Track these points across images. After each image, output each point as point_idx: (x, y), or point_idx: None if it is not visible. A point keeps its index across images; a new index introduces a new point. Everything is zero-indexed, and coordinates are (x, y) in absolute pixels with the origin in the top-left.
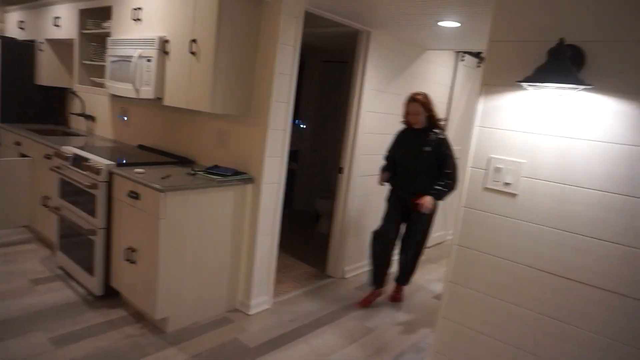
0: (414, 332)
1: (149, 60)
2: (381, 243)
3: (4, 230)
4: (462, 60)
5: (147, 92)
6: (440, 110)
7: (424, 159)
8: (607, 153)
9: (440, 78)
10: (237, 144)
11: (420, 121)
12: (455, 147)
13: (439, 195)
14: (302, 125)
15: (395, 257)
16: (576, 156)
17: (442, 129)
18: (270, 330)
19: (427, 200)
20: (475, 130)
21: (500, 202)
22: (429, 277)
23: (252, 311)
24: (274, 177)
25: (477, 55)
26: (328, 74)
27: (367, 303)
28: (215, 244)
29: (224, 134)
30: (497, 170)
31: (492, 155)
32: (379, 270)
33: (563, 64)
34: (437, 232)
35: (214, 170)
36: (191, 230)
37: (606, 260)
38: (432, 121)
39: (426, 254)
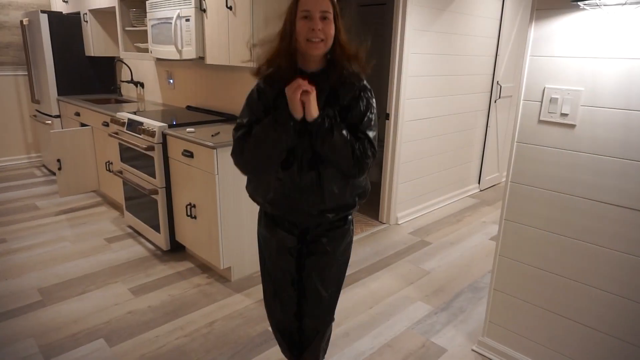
0: (471, 273)
1: (187, 20)
2: (285, 348)
3: (77, 195)
4: None
5: (189, 52)
6: (489, 47)
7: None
8: None
9: (487, 12)
10: None
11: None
12: (506, 85)
13: (329, 130)
14: None
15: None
16: None
17: (364, 69)
18: None
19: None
20: (527, 60)
21: (556, 135)
22: (485, 219)
23: None
24: None
25: None
26: (367, 19)
27: None
28: None
29: None
30: (553, 101)
31: (547, 86)
32: None
33: None
34: (492, 175)
35: None
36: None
37: None
38: (343, 53)
39: (480, 196)
